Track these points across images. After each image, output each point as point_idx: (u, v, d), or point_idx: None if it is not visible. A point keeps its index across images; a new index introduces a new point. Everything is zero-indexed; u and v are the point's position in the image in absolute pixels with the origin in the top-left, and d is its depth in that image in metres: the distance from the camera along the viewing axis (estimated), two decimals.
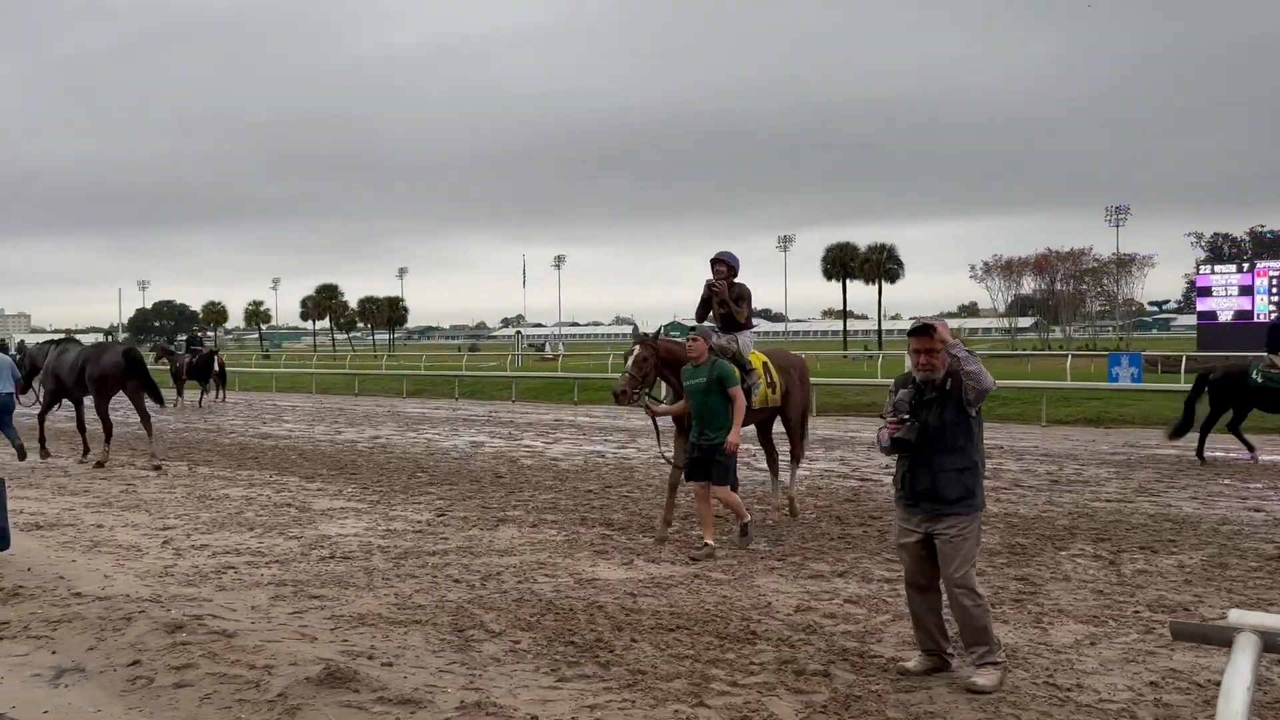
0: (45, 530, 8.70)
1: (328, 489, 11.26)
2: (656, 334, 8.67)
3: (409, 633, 5.54)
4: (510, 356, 53.05)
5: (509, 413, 23.29)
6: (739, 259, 9.23)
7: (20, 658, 5.17)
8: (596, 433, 17.99)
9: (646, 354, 8.33)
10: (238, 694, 4.46)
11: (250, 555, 7.69)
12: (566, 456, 14.25)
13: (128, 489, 11.15)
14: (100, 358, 14.14)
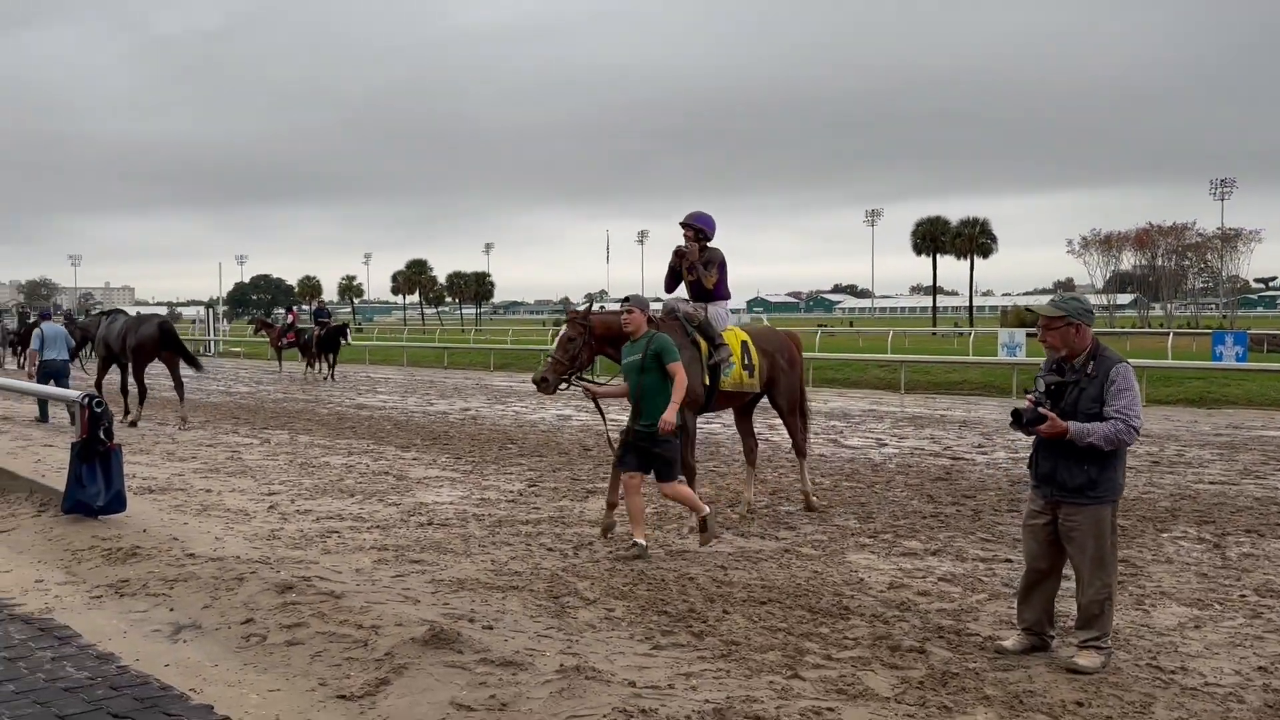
0: (157, 494, 9.11)
1: (423, 458, 11.55)
2: (588, 308, 7.72)
3: (506, 598, 5.68)
4: None
5: None
6: (714, 223, 8.31)
7: (140, 614, 5.46)
8: None
9: (574, 334, 7.36)
10: (346, 652, 4.64)
11: (352, 521, 7.95)
12: None
13: (233, 456, 11.60)
14: (139, 329, 15.42)
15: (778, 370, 8.47)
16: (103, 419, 7.71)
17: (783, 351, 8.63)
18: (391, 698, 4.14)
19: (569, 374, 7.33)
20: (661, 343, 6.85)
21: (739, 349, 8.07)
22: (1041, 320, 4.79)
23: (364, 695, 4.19)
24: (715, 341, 7.87)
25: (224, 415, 16.56)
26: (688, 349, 7.64)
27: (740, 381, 8.06)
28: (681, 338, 7.64)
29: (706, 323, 7.96)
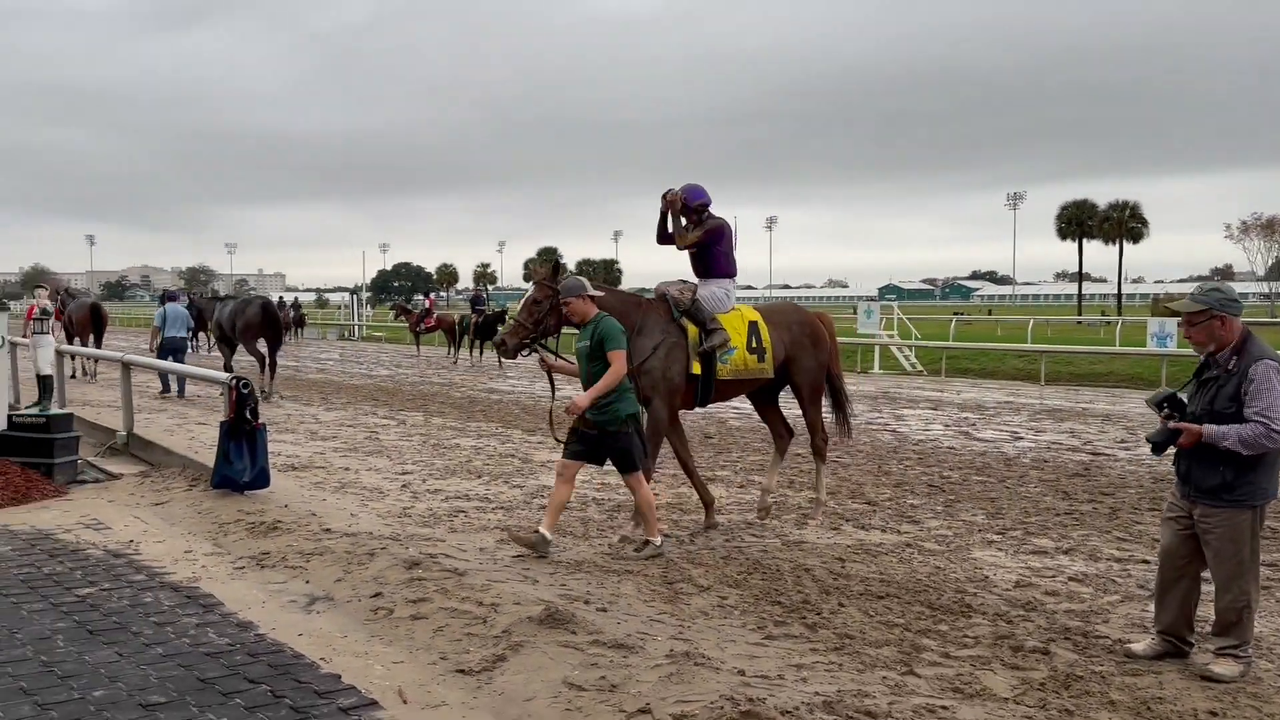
0: (299, 471, 9.58)
1: (547, 442, 11.76)
2: (555, 271, 6.99)
3: (621, 582, 5.75)
4: None
5: None
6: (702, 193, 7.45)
7: (279, 585, 5.76)
8: None
9: (541, 296, 6.82)
10: (467, 628, 4.80)
11: (479, 501, 8.19)
12: None
13: (371, 436, 12.09)
14: (245, 310, 17.25)
15: (799, 350, 7.58)
16: (249, 400, 8.15)
17: (803, 329, 7.70)
18: (507, 674, 4.26)
19: (531, 338, 6.81)
20: (606, 329, 6.34)
21: (744, 331, 7.30)
22: (1183, 316, 4.53)
23: (481, 670, 4.33)
24: (707, 326, 7.13)
25: (364, 397, 17.25)
26: (671, 335, 7.10)
27: (744, 367, 7.29)
28: (666, 322, 7.14)
29: (695, 305, 7.20)
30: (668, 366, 7.05)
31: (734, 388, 7.49)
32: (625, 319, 6.93)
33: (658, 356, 7.03)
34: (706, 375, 7.18)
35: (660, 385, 7.03)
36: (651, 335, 7.08)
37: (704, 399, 7.36)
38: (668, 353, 7.06)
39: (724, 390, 7.43)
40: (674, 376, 7.07)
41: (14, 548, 6.45)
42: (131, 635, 4.78)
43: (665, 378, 7.03)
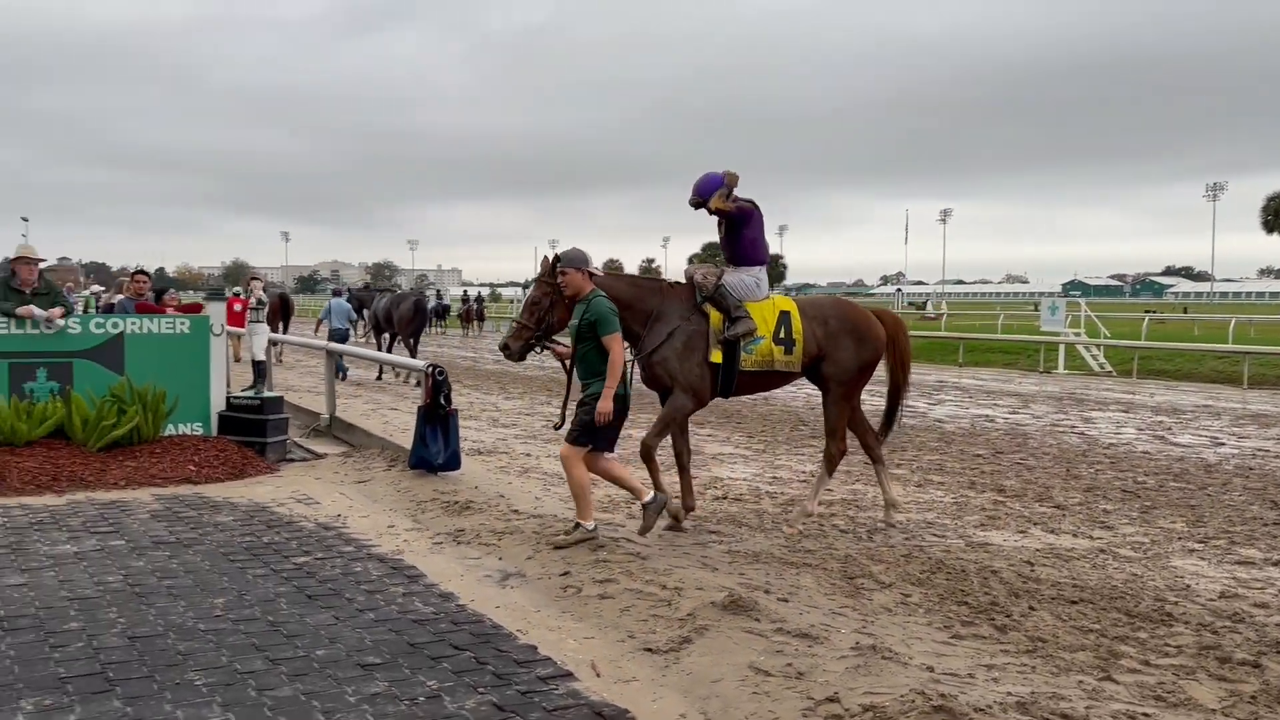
0: (485, 455, 10.03)
1: (717, 435, 11.89)
2: (554, 268, 6.43)
3: (800, 574, 5.78)
4: None
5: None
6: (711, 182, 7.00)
7: (474, 560, 6.08)
8: (984, 396, 17.26)
9: (541, 295, 6.56)
10: (652, 610, 4.95)
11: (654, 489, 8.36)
12: (951, 419, 13.86)
13: (548, 424, 12.50)
14: (400, 304, 19.67)
15: (833, 344, 7.03)
16: (443, 386, 8.60)
17: (844, 324, 7.13)
18: (694, 655, 4.38)
19: (535, 339, 6.60)
20: (597, 309, 6.07)
21: (774, 320, 6.90)
22: None
23: (669, 650, 4.46)
24: (732, 313, 6.79)
25: (539, 388, 17.84)
26: (692, 322, 6.82)
27: (770, 358, 6.88)
28: (687, 309, 6.86)
29: (720, 291, 6.85)
30: (686, 355, 6.76)
31: (759, 380, 7.09)
32: (641, 305, 6.83)
33: (673, 345, 6.76)
34: (728, 365, 6.84)
35: (679, 375, 6.76)
36: (669, 322, 6.81)
37: (725, 390, 7.00)
38: (685, 340, 6.78)
39: (748, 383, 7.04)
40: (693, 366, 6.77)
41: (235, 518, 7.04)
42: (345, 601, 5.16)
43: (684, 367, 6.75)
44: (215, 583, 5.42)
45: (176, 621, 4.76)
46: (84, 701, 3.81)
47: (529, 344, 6.62)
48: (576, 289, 6.23)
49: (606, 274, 6.87)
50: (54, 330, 8.94)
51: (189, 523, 6.83)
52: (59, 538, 6.35)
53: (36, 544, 6.17)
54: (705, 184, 7.05)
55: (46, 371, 8.96)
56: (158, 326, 9.49)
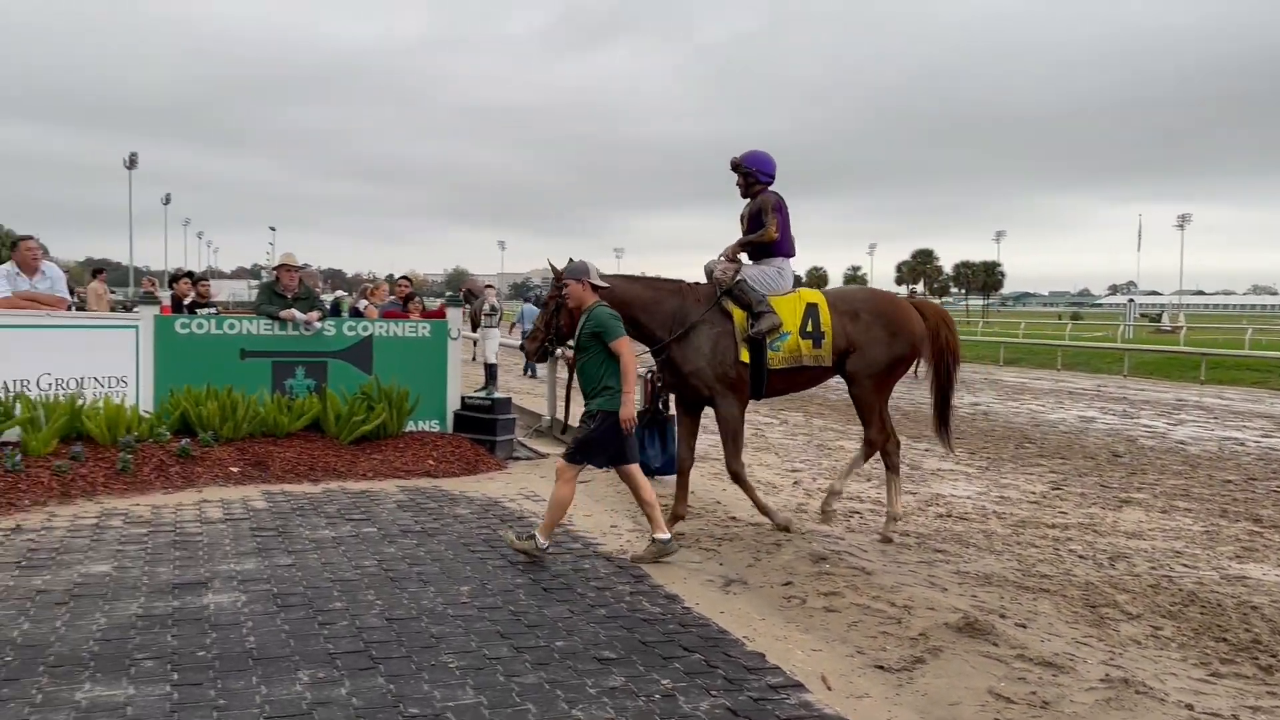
0: (698, 462, 10.13)
1: (935, 450, 11.52)
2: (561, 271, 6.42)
3: (1037, 599, 5.55)
4: (1120, 327, 48.77)
5: (1119, 388, 21.54)
6: (769, 162, 6.94)
7: (696, 565, 6.18)
8: (1231, 417, 15.91)
9: (548, 300, 6.61)
10: (881, 626, 4.88)
11: (871, 504, 8.23)
12: (1195, 440, 12.86)
13: (757, 433, 12.52)
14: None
15: (865, 337, 6.75)
16: (662, 392, 8.77)
17: (877, 317, 6.82)
18: (928, 676, 4.29)
19: (548, 341, 6.57)
20: (599, 318, 5.96)
21: (800, 314, 6.66)
22: None
23: (901, 669, 4.39)
24: (755, 308, 6.56)
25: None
26: (715, 323, 6.63)
27: (797, 353, 6.64)
28: (707, 309, 6.66)
29: (740, 285, 6.63)
30: (717, 361, 6.57)
31: (791, 378, 6.79)
32: (660, 308, 6.68)
33: (701, 353, 6.59)
34: (757, 364, 6.61)
35: (717, 384, 6.61)
36: (687, 323, 6.63)
37: (756, 391, 6.73)
38: (714, 344, 6.59)
39: (780, 382, 6.76)
40: (728, 370, 6.59)
41: (472, 511, 7.46)
42: (578, 596, 5.37)
43: (718, 374, 6.58)
44: (459, 571, 5.77)
45: (428, 606, 5.10)
46: (352, 677, 4.15)
47: (543, 346, 6.64)
48: (578, 301, 6.17)
49: (622, 278, 6.80)
50: (311, 333, 9.76)
51: (431, 514, 7.29)
52: (318, 523, 6.93)
53: (299, 528, 6.75)
54: (757, 158, 6.96)
55: (304, 370, 9.79)
56: (402, 330, 10.18)
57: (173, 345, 9.31)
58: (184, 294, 13.77)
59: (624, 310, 6.38)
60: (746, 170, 6.91)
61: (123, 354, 9.13)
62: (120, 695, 3.87)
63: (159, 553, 6.00)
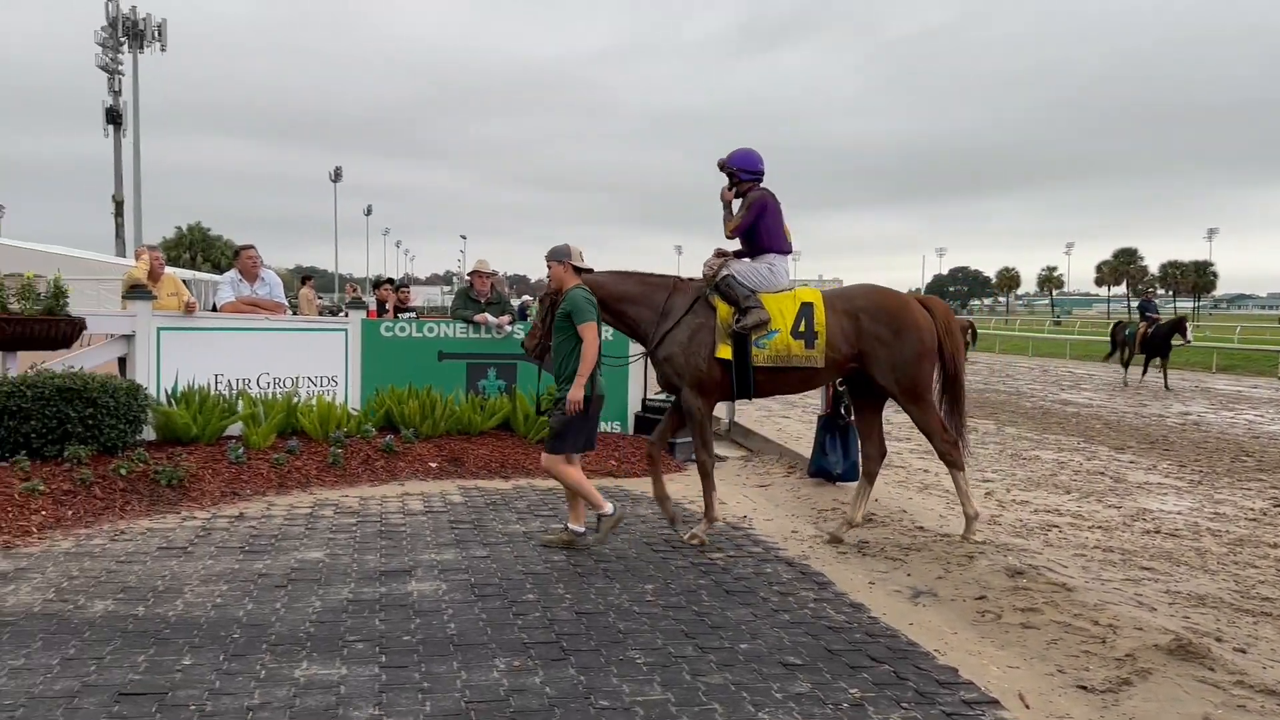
0: (882, 469, 9.91)
1: (1140, 462, 10.85)
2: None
3: (1258, 623, 5.14)
4: None
5: None
6: (755, 160, 6.77)
7: (882, 574, 6.05)
8: None
9: (544, 295, 6.60)
10: (1084, 645, 4.64)
11: (1071, 517, 7.83)
12: None
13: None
14: None
15: (870, 341, 6.49)
16: (843, 397, 8.64)
17: (878, 316, 6.54)
18: (1135, 699, 4.05)
19: (546, 339, 6.49)
20: (572, 299, 6.09)
21: (792, 313, 6.47)
22: None
23: (1106, 690, 4.16)
24: (741, 304, 6.43)
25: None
26: (698, 315, 6.55)
27: (785, 353, 6.45)
28: (693, 302, 6.60)
29: (727, 281, 6.53)
30: (691, 351, 6.49)
31: (779, 379, 6.57)
32: (648, 302, 6.66)
33: (677, 342, 6.52)
34: (740, 361, 6.44)
35: (686, 373, 6.51)
36: (674, 316, 6.58)
37: (741, 389, 6.55)
38: (691, 335, 6.51)
39: (766, 381, 6.57)
40: (699, 363, 6.49)
41: (653, 510, 7.56)
42: (761, 600, 5.37)
43: (689, 365, 6.49)
44: (643, 570, 5.88)
45: (614, 602, 5.22)
46: (545, 666, 4.30)
47: (541, 343, 6.60)
48: (560, 282, 6.27)
49: (612, 274, 6.79)
50: (503, 335, 10.15)
51: None
52: (510, 518, 7.20)
53: (493, 522, 7.04)
54: (743, 157, 6.81)
55: (496, 371, 10.20)
56: None
57: (378, 347, 9.90)
58: (385, 299, 14.60)
59: (614, 305, 6.61)
60: (731, 170, 6.85)
61: (333, 355, 9.78)
62: (334, 674, 4.15)
63: (366, 541, 6.39)
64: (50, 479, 6.92)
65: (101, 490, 7.05)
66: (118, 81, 40.48)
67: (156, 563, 5.74)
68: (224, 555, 5.95)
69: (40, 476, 6.90)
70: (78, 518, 6.63)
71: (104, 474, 7.21)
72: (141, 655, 4.28)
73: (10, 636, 4.46)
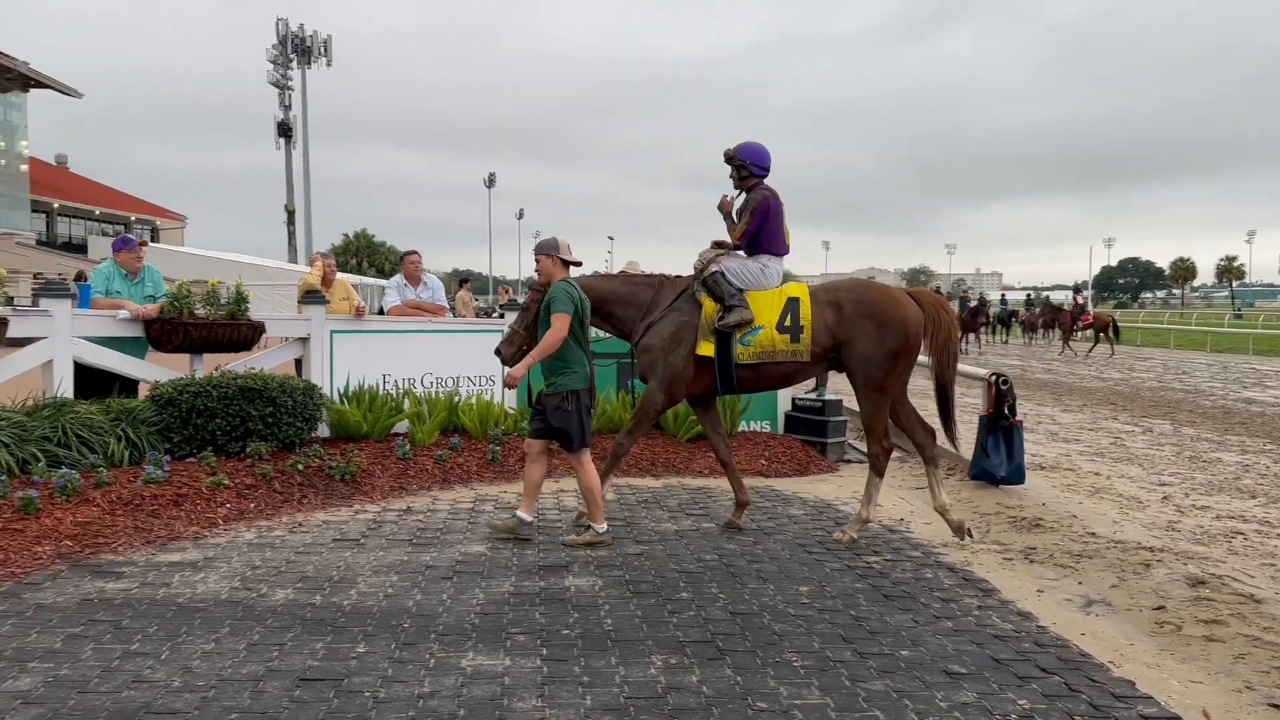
0: (1047, 471, 9.52)
1: None
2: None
3: None
4: None
5: None
6: (764, 154, 6.78)
7: (1050, 581, 5.80)
8: None
9: (529, 301, 6.58)
10: (1275, 661, 4.34)
11: (1258, 524, 7.31)
12: None
13: (1116, 442, 11.52)
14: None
15: (851, 331, 6.44)
16: (1007, 396, 8.33)
17: (861, 308, 6.47)
18: None
19: (525, 345, 6.50)
20: (553, 291, 6.14)
21: (778, 309, 6.49)
22: None
23: None
24: (725, 301, 6.45)
25: (1099, 400, 16.51)
26: (683, 312, 6.59)
27: (770, 349, 6.48)
28: (679, 298, 6.65)
29: (714, 278, 6.53)
30: (670, 347, 6.54)
31: (763, 374, 6.59)
32: (635, 300, 6.75)
33: (658, 334, 6.58)
34: (724, 358, 6.49)
35: (659, 367, 6.57)
36: (657, 311, 6.65)
37: (725, 385, 6.62)
38: (673, 330, 6.55)
39: (750, 377, 6.59)
40: (676, 360, 6.54)
41: (805, 512, 7.48)
42: (921, 606, 5.22)
43: (666, 360, 6.54)
44: (797, 572, 5.82)
45: (768, 603, 5.18)
46: (701, 665, 4.31)
47: (521, 350, 6.53)
48: (548, 275, 6.29)
49: (600, 276, 6.88)
50: None
51: (766, 512, 7.41)
52: (661, 516, 7.26)
53: (644, 520, 7.11)
54: (753, 151, 6.80)
55: None
56: None
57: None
58: None
59: (601, 307, 6.71)
60: (741, 163, 6.79)
61: (491, 356, 10.07)
62: (498, 665, 4.28)
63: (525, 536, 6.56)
64: (234, 474, 7.39)
65: (280, 484, 7.49)
66: (288, 96, 42.96)
67: (331, 554, 6.06)
68: (393, 547, 6.23)
69: (225, 471, 7.38)
70: (259, 510, 7.06)
71: (282, 469, 7.65)
72: (319, 642, 4.52)
73: (201, 622, 4.79)
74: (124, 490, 6.74)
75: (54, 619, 4.76)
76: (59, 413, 7.26)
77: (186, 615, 4.86)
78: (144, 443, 7.42)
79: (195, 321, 8.23)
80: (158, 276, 8.77)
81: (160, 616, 4.83)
